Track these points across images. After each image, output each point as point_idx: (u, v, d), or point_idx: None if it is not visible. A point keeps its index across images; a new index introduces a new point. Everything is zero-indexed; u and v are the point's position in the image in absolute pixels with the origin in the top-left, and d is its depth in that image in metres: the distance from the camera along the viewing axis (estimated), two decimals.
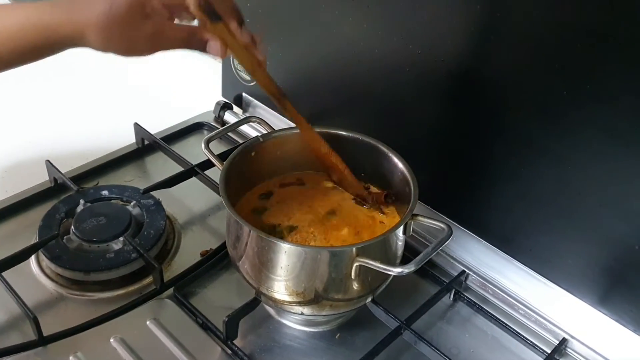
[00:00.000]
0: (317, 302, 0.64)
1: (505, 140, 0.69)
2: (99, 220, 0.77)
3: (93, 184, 0.88)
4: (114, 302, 0.71)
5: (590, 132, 0.62)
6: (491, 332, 0.72)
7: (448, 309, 0.74)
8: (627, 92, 0.58)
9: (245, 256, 0.65)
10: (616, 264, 0.65)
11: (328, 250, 0.63)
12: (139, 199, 0.82)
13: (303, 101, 0.91)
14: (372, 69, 0.79)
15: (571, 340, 0.69)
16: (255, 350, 0.68)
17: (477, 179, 0.73)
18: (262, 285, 0.65)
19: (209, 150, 0.71)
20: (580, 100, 0.61)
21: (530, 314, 0.72)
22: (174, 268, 0.77)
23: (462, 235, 0.76)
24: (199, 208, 0.86)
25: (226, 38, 0.57)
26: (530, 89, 0.65)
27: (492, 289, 0.74)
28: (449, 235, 0.61)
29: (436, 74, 0.72)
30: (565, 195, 0.66)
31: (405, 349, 0.69)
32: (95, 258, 0.73)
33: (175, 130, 0.98)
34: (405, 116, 0.78)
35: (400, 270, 0.58)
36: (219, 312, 0.68)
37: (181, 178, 0.85)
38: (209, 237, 0.82)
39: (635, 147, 0.59)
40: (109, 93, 1.12)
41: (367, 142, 0.72)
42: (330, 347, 0.69)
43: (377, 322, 0.70)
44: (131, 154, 0.94)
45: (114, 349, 0.66)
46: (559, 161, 0.65)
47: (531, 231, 0.71)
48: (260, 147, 0.72)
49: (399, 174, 0.69)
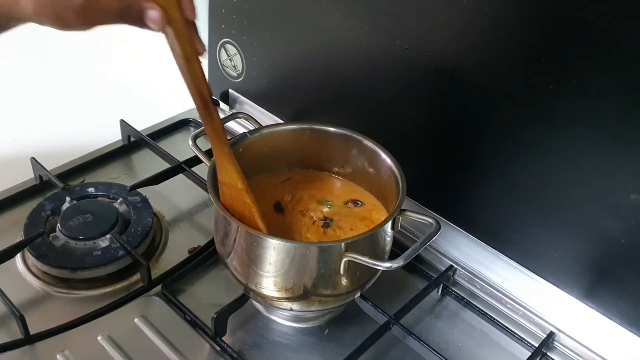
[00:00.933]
0: (306, 298, 0.64)
1: (493, 135, 0.69)
2: (85, 217, 0.76)
3: (79, 181, 0.87)
4: (101, 300, 0.71)
5: (577, 126, 0.62)
6: (479, 327, 0.73)
7: (436, 304, 0.75)
8: (614, 87, 0.58)
9: (233, 252, 0.65)
10: (603, 257, 0.66)
11: (317, 246, 0.63)
12: (126, 196, 0.81)
13: (289, 97, 0.91)
14: (358, 65, 0.79)
15: (558, 334, 0.70)
16: (244, 346, 0.68)
17: (464, 174, 0.74)
18: (251, 282, 0.65)
19: (196, 147, 0.71)
20: (567, 94, 0.61)
21: (518, 308, 0.72)
22: (161, 265, 0.76)
23: (450, 230, 0.76)
24: (187, 205, 0.86)
25: (170, 9, 0.51)
26: (517, 84, 0.65)
27: (479, 284, 0.75)
28: (437, 230, 0.61)
29: (423, 70, 0.72)
30: (552, 189, 0.66)
31: (394, 344, 0.69)
32: (81, 256, 0.73)
33: (161, 127, 0.98)
34: (392, 112, 0.78)
35: (389, 265, 0.59)
36: (208, 309, 0.68)
37: (168, 175, 0.85)
38: (196, 234, 0.81)
39: (622, 141, 0.59)
40: (94, 89, 1.11)
41: (355, 138, 0.72)
42: (319, 342, 0.69)
43: (365, 317, 0.70)
44: (117, 151, 0.93)
45: (101, 346, 0.66)
46: (546, 156, 0.65)
47: (518, 226, 0.71)
48: (248, 143, 0.72)
49: (387, 169, 0.69)
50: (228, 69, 0.98)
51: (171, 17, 0.51)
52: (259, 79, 0.94)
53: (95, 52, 1.15)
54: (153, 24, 0.51)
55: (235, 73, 0.97)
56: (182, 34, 0.53)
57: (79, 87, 1.11)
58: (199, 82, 0.57)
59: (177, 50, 0.54)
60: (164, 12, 0.51)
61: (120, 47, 1.18)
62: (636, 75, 0.57)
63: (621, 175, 0.61)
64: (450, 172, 0.75)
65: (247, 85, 0.96)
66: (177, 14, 0.52)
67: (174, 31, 0.53)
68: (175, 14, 0.52)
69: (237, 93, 0.99)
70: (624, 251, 0.63)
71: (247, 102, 0.98)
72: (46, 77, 1.11)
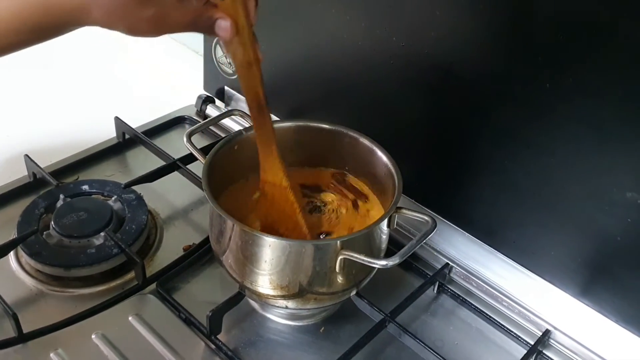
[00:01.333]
0: (302, 296, 0.63)
1: (489, 133, 0.69)
2: (79, 215, 0.76)
3: (73, 178, 0.86)
4: (95, 298, 0.70)
5: (573, 125, 0.62)
6: (475, 325, 0.72)
7: (432, 302, 0.75)
8: (610, 85, 0.58)
9: (229, 250, 0.64)
10: (598, 255, 0.66)
11: (312, 244, 0.63)
12: (120, 193, 0.81)
13: (286, 94, 0.91)
14: (355, 62, 0.78)
15: (554, 332, 0.70)
16: (239, 344, 0.68)
17: (461, 172, 0.74)
18: (246, 280, 0.64)
19: (191, 144, 0.71)
20: (563, 93, 0.61)
21: (514, 306, 0.72)
22: (156, 263, 0.76)
23: (446, 228, 0.76)
24: (182, 202, 0.85)
25: (238, 18, 0.52)
26: (514, 81, 0.65)
27: (475, 282, 0.75)
28: (432, 228, 0.61)
29: (420, 67, 0.72)
30: (548, 187, 0.66)
31: (390, 342, 0.68)
32: (75, 254, 0.72)
33: (156, 124, 0.97)
34: (389, 109, 0.78)
35: (385, 263, 0.58)
36: (203, 307, 0.67)
37: (163, 172, 0.84)
38: (191, 232, 0.81)
39: (618, 139, 0.59)
40: (89, 86, 1.10)
41: (351, 135, 0.72)
42: (315, 340, 0.69)
43: (361, 315, 0.70)
44: (112, 149, 0.92)
45: (95, 345, 0.65)
46: (543, 154, 0.65)
47: (515, 224, 0.71)
48: (243, 140, 0.71)
49: (383, 167, 0.69)
50: (224, 65, 0.97)
51: (239, 25, 0.53)
52: None
53: (90, 49, 1.15)
54: (223, 32, 0.53)
55: (231, 70, 0.97)
56: (248, 40, 0.54)
57: (74, 84, 1.11)
58: (257, 86, 0.59)
59: (240, 56, 0.56)
60: (233, 21, 0.52)
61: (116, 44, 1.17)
62: (633, 73, 0.57)
63: (617, 173, 0.61)
64: (447, 169, 0.75)
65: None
66: (244, 22, 0.53)
67: (239, 38, 0.54)
68: (242, 22, 0.53)
69: (233, 90, 0.99)
70: (620, 249, 0.63)
71: (243, 99, 0.96)
72: (40, 74, 1.11)
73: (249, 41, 0.54)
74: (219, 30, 0.53)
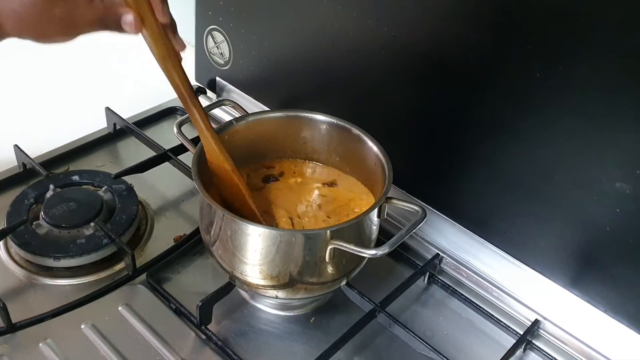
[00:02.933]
0: (292, 286, 0.63)
1: (479, 123, 0.69)
2: (69, 205, 0.75)
3: (63, 169, 0.86)
4: (85, 289, 0.70)
5: (563, 115, 0.62)
6: (465, 315, 0.73)
7: (422, 292, 0.75)
8: (601, 75, 0.58)
9: (218, 240, 0.64)
10: (588, 245, 0.66)
11: (302, 233, 0.63)
12: (111, 184, 0.80)
13: (277, 85, 0.91)
14: (346, 52, 0.78)
15: (543, 322, 0.70)
16: (229, 334, 0.68)
17: (451, 162, 0.74)
18: (236, 270, 0.64)
19: (181, 134, 0.70)
20: (553, 82, 0.61)
21: (504, 296, 0.72)
22: (146, 254, 0.76)
23: (437, 219, 0.76)
24: (173, 193, 0.85)
25: (143, 13, 0.54)
26: (504, 71, 0.65)
27: (466, 272, 0.75)
28: (422, 218, 0.61)
29: (410, 57, 0.72)
30: (538, 177, 0.66)
31: (380, 332, 0.69)
32: (65, 244, 0.72)
33: (147, 115, 0.97)
34: (379, 99, 0.78)
35: (374, 252, 0.58)
36: (193, 297, 0.67)
37: (154, 163, 0.84)
38: (182, 223, 0.81)
39: (607, 129, 0.59)
40: (80, 77, 1.09)
41: (342, 126, 0.72)
42: (305, 330, 0.69)
43: (352, 305, 0.70)
44: (103, 139, 0.92)
45: (85, 335, 0.65)
46: (532, 144, 0.65)
47: (505, 214, 0.71)
48: (234, 131, 0.71)
49: (373, 157, 0.69)
50: (215, 56, 0.97)
51: (145, 21, 0.54)
52: (247, 66, 0.93)
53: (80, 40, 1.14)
54: (129, 27, 0.54)
55: (223, 60, 0.96)
56: (157, 35, 0.56)
57: (65, 74, 1.10)
58: (176, 78, 0.60)
59: (154, 51, 0.57)
60: (138, 16, 0.54)
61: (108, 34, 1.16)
62: (623, 64, 0.57)
63: (607, 163, 0.61)
64: (437, 160, 0.75)
65: (234, 73, 0.96)
66: (150, 17, 0.55)
67: (148, 33, 0.56)
68: (148, 17, 0.55)
69: (225, 81, 0.98)
70: (609, 239, 0.63)
71: (235, 90, 0.97)
72: (31, 64, 1.10)
73: (159, 36, 0.56)
74: (124, 25, 0.54)
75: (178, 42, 0.58)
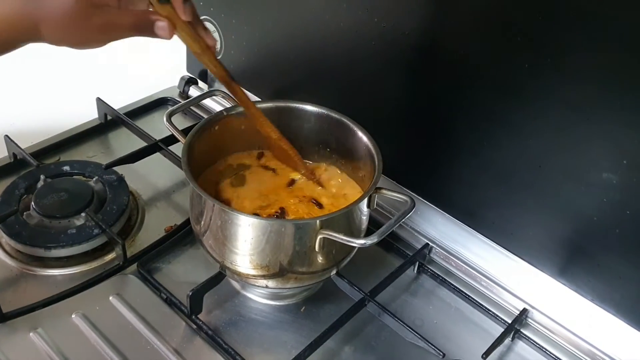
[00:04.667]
0: (282, 276, 0.64)
1: (469, 114, 0.69)
2: (60, 195, 0.75)
3: (54, 159, 0.86)
4: (76, 279, 0.70)
5: (551, 105, 0.62)
6: (454, 304, 0.73)
7: (412, 282, 0.75)
8: (589, 66, 0.59)
9: (209, 231, 0.65)
10: (576, 235, 0.66)
11: (292, 223, 0.63)
12: (102, 174, 0.80)
13: (268, 75, 0.91)
14: (337, 43, 0.78)
15: (532, 311, 0.71)
16: (220, 324, 0.68)
17: (441, 153, 0.74)
18: (227, 260, 0.65)
19: (171, 124, 0.70)
20: (541, 73, 0.61)
21: (492, 286, 0.73)
22: (137, 244, 0.76)
23: (426, 209, 0.77)
24: (164, 184, 0.85)
25: (173, 18, 0.57)
26: (493, 63, 0.65)
27: (455, 262, 0.75)
28: (411, 208, 0.62)
29: (401, 48, 0.72)
30: (526, 168, 0.67)
31: (370, 321, 0.69)
32: (56, 234, 0.72)
33: (139, 106, 0.97)
34: (370, 90, 0.78)
35: (363, 242, 0.59)
36: (184, 287, 0.68)
37: (144, 153, 0.84)
38: (174, 213, 0.81)
39: (595, 120, 0.60)
40: (72, 67, 1.09)
41: (332, 117, 0.72)
42: (296, 319, 0.70)
43: (342, 295, 0.70)
44: (94, 130, 0.92)
45: (75, 325, 0.65)
46: (521, 134, 0.65)
47: (494, 204, 0.72)
48: (224, 121, 0.71)
49: (363, 147, 0.69)
50: None
51: (177, 24, 0.57)
52: (238, 57, 0.93)
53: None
54: (162, 33, 0.56)
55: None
56: (188, 35, 0.59)
57: (56, 64, 1.09)
58: (215, 68, 0.65)
59: (191, 48, 0.61)
60: (170, 22, 0.56)
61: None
62: (611, 55, 0.57)
63: (594, 153, 0.61)
64: (427, 150, 0.75)
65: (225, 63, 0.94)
66: (180, 21, 0.58)
67: (181, 35, 0.59)
68: (179, 21, 0.57)
69: None
70: (596, 229, 0.64)
71: None
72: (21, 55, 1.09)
73: (189, 35, 0.59)
74: (158, 30, 0.56)
75: (209, 37, 0.61)
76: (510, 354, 0.69)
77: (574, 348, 0.68)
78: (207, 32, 0.61)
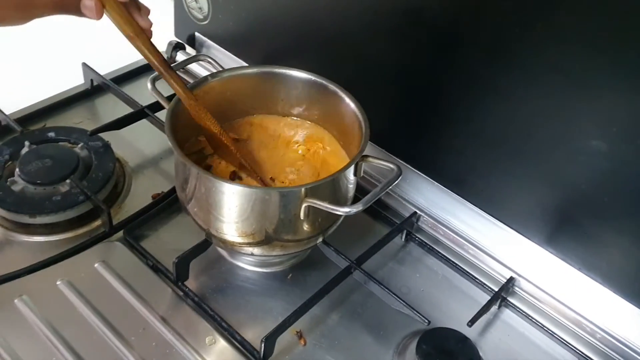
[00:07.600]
0: (268, 243, 0.63)
1: (458, 80, 0.68)
2: (44, 162, 0.75)
3: (40, 126, 0.85)
4: (61, 246, 0.70)
5: (541, 71, 0.61)
6: (442, 272, 0.73)
7: (399, 250, 0.75)
8: (579, 32, 0.57)
9: (194, 199, 0.64)
10: (563, 203, 0.66)
11: (277, 191, 0.62)
12: (87, 141, 0.79)
13: (256, 41, 0.89)
14: (326, 8, 0.77)
15: (518, 279, 0.71)
16: (206, 291, 0.68)
17: (429, 120, 0.73)
18: (212, 227, 0.64)
19: (155, 90, 0.69)
20: (531, 38, 0.60)
21: (480, 254, 0.73)
22: (124, 211, 0.75)
23: (415, 177, 0.76)
24: (151, 151, 0.84)
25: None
26: (483, 26, 0.64)
27: (443, 230, 0.75)
28: (397, 175, 0.61)
29: (389, 14, 0.70)
30: (515, 134, 0.66)
31: (356, 288, 0.69)
32: (41, 201, 0.72)
33: (125, 71, 0.95)
34: (358, 56, 0.77)
35: (348, 210, 0.58)
36: (171, 254, 0.67)
37: (130, 120, 0.83)
38: (161, 180, 0.80)
39: (585, 86, 0.59)
40: (57, 31, 1.06)
41: (319, 82, 0.70)
42: (283, 286, 0.70)
43: (328, 262, 0.70)
44: (80, 95, 0.91)
45: (60, 291, 0.65)
46: (509, 101, 0.64)
47: (482, 172, 0.71)
48: (209, 87, 0.70)
49: (350, 114, 0.68)
50: (194, 10, 0.95)
51: (107, 4, 0.54)
52: (226, 21, 0.91)
53: None
54: (89, 12, 0.54)
55: (202, 15, 0.94)
56: (119, 16, 0.56)
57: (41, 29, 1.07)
58: (147, 54, 0.61)
59: (122, 30, 0.58)
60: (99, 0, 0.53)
61: None
62: (601, 20, 0.56)
63: (583, 121, 0.60)
64: (415, 117, 0.74)
65: (213, 29, 0.94)
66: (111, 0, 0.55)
67: (111, 16, 0.56)
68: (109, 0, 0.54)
69: (204, 37, 0.97)
70: (584, 197, 0.64)
71: (214, 46, 0.95)
72: None
73: (120, 16, 0.56)
74: (85, 9, 0.54)
75: (144, 19, 0.58)
76: (496, 322, 0.69)
77: (561, 316, 0.68)
78: (142, 14, 0.58)
